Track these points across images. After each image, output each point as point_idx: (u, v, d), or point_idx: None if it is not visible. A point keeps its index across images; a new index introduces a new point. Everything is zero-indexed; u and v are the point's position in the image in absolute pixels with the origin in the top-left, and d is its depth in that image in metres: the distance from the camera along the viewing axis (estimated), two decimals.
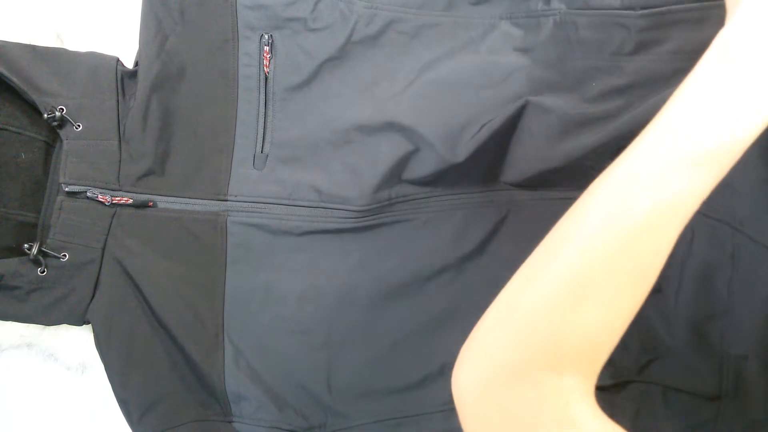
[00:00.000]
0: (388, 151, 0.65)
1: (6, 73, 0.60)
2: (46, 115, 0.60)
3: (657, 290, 0.62)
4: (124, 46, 0.67)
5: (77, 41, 0.70)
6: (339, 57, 0.66)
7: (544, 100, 0.62)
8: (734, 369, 0.58)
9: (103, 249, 0.63)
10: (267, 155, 0.66)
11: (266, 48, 0.66)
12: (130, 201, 0.64)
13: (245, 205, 0.65)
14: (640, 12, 0.60)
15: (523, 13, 0.65)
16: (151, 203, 0.64)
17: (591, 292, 0.35)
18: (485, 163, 0.65)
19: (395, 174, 0.66)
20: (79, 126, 0.62)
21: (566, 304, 0.35)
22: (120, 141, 0.63)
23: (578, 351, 0.36)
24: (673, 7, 0.59)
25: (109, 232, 0.64)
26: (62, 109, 0.62)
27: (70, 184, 0.62)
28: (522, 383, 0.35)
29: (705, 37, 0.39)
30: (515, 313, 0.37)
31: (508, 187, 0.67)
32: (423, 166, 0.65)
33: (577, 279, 0.36)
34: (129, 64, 0.66)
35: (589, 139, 0.59)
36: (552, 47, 0.64)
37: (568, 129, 0.61)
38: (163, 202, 0.65)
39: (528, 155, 0.64)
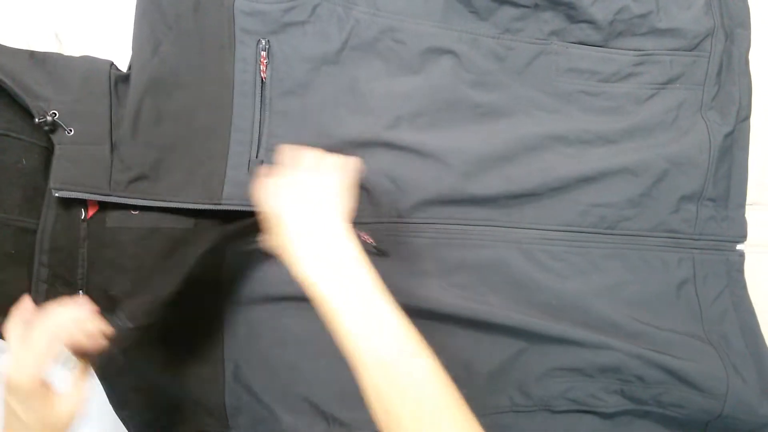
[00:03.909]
0: (388, 166, 0.65)
1: (0, 76, 0.59)
2: (38, 120, 0.59)
3: None
4: (123, 46, 0.66)
5: (76, 42, 0.70)
6: (336, 62, 0.65)
7: None
8: None
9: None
10: (262, 161, 0.65)
11: (263, 53, 0.64)
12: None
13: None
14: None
15: (507, 32, 0.69)
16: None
17: None
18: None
19: (396, 189, 0.66)
20: (71, 131, 0.61)
21: None
22: (111, 145, 0.62)
23: None
24: None
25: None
26: (54, 114, 0.61)
27: (60, 190, 0.61)
28: None
29: None
30: None
31: None
32: (431, 186, 0.65)
33: None
34: (126, 66, 0.66)
35: None
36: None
37: None
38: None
39: None
